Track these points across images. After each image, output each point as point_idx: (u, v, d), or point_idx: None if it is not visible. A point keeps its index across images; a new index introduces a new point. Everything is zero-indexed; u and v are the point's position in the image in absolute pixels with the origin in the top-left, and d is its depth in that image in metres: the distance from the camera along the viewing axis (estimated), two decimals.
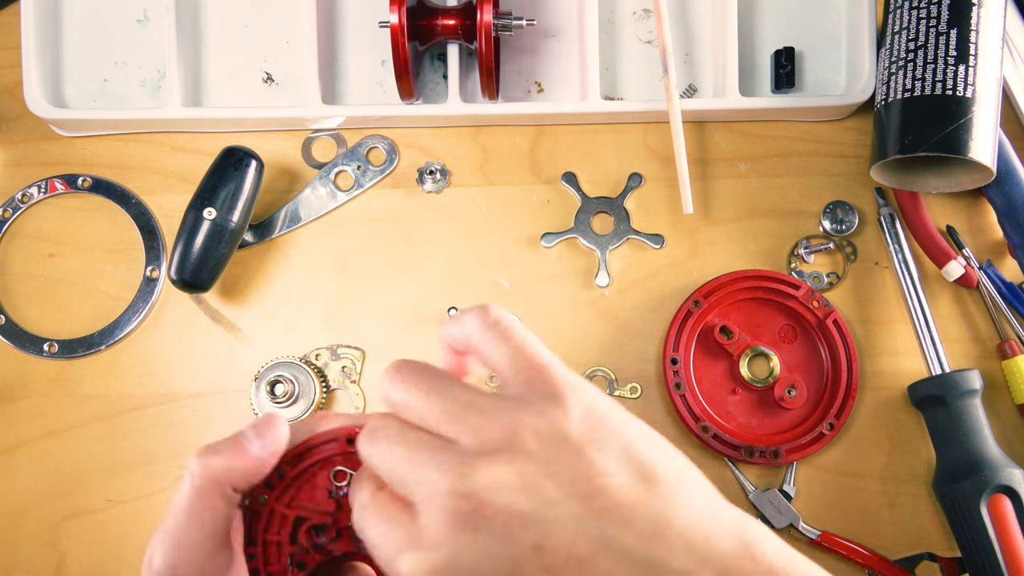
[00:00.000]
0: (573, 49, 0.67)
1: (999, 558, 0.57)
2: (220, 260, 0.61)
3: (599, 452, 0.33)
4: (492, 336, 0.36)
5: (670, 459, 0.35)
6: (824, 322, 0.63)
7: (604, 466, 0.33)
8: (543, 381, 0.35)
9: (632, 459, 0.33)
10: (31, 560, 0.63)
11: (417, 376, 0.36)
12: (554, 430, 0.33)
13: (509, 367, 0.36)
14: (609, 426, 0.34)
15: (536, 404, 0.34)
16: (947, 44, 0.57)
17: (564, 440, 0.33)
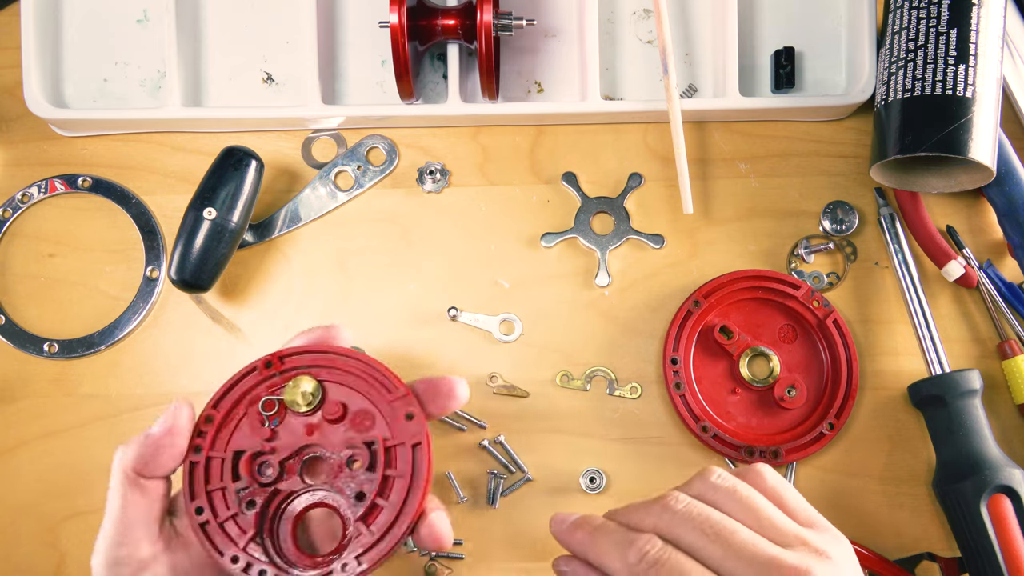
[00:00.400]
0: (573, 49, 0.67)
1: (999, 558, 0.57)
2: (220, 260, 0.61)
3: None
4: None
5: None
6: (824, 322, 0.63)
7: None
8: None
9: None
10: (31, 560, 0.63)
11: (702, 513, 0.40)
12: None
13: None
14: None
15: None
16: (947, 44, 0.57)
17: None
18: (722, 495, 0.41)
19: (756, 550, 0.38)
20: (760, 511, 0.40)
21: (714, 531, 0.39)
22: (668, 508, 0.40)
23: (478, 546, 0.63)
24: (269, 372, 0.43)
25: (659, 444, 0.64)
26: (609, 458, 0.64)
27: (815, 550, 0.39)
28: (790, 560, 0.37)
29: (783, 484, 0.43)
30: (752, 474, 0.43)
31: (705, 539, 0.38)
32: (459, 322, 0.65)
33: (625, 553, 0.39)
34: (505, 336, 0.65)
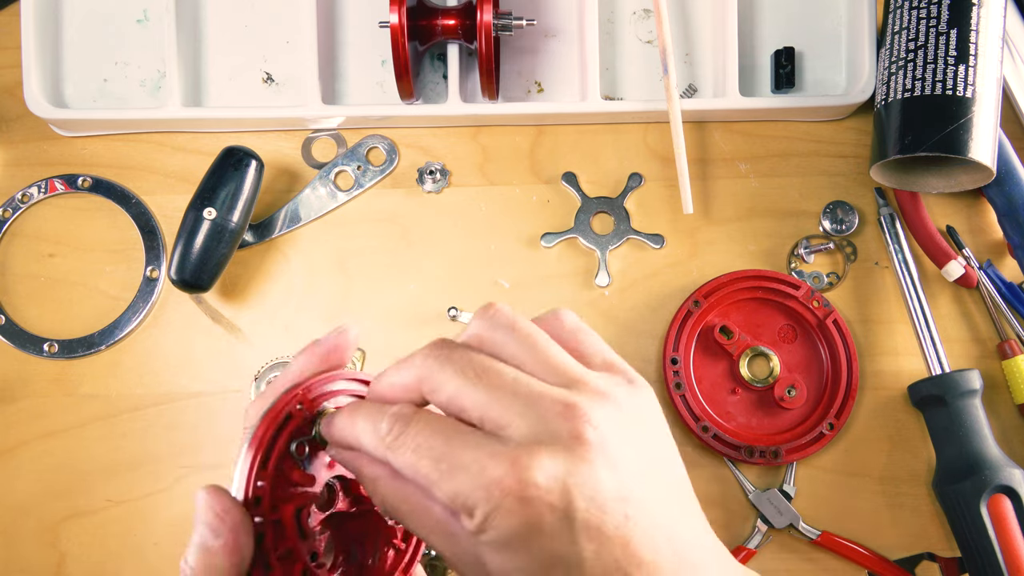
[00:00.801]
0: (573, 49, 0.67)
1: (999, 558, 0.57)
2: (220, 260, 0.61)
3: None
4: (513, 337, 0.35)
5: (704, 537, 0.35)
6: (824, 322, 0.63)
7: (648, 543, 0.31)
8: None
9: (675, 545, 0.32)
10: (31, 560, 0.63)
11: (465, 355, 0.34)
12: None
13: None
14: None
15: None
16: (947, 44, 0.57)
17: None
18: (500, 333, 0.35)
19: (520, 387, 0.32)
20: (539, 349, 0.34)
21: (475, 373, 0.33)
22: (428, 356, 0.34)
23: None
24: (302, 413, 0.38)
25: None
26: None
27: (595, 390, 0.33)
28: (554, 394, 0.32)
29: (580, 327, 0.37)
30: (548, 317, 0.37)
31: (467, 383, 0.33)
32: (459, 322, 0.65)
33: (376, 426, 0.34)
34: None
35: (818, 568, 0.63)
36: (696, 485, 0.66)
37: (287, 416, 0.37)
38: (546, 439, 0.31)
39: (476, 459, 0.31)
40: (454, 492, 0.31)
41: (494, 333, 0.35)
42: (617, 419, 0.33)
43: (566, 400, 0.32)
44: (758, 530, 0.63)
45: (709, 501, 0.63)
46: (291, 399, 0.38)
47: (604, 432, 0.32)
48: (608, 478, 0.31)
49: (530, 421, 0.32)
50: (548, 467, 0.30)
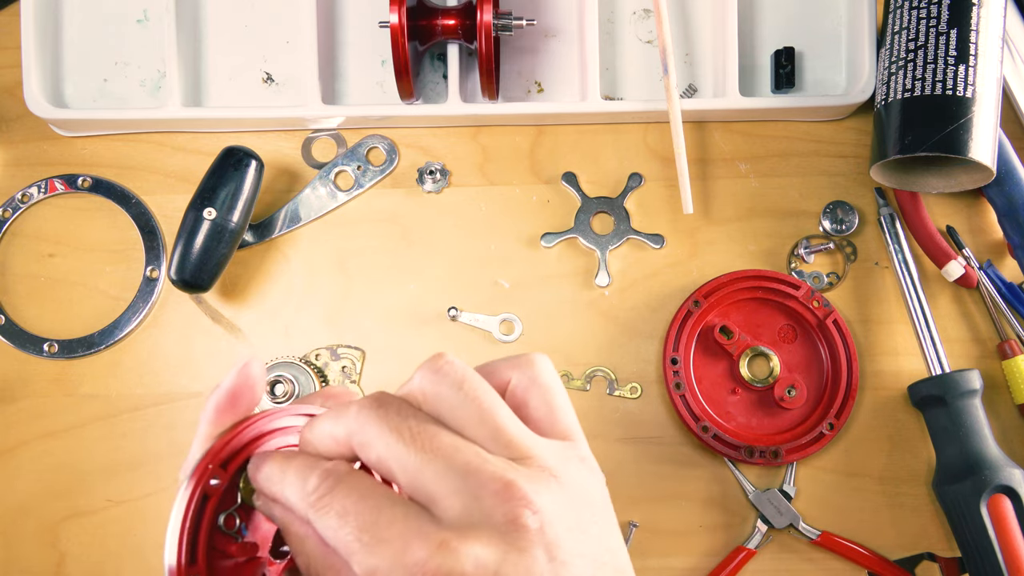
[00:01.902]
0: (573, 49, 0.67)
1: (999, 558, 0.57)
2: (220, 260, 0.61)
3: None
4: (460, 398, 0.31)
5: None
6: (824, 322, 0.63)
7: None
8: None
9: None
10: (31, 560, 0.63)
11: (401, 412, 0.31)
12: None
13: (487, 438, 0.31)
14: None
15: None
16: (947, 44, 0.57)
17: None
18: (446, 388, 0.32)
19: (455, 458, 0.29)
20: (486, 412, 0.31)
21: (410, 434, 0.30)
22: (363, 408, 0.31)
23: None
24: (220, 488, 0.34)
25: (659, 444, 0.64)
26: (609, 458, 0.64)
27: (541, 466, 0.30)
28: (492, 470, 0.29)
29: (550, 383, 0.34)
30: (518, 362, 0.34)
31: (399, 445, 0.30)
32: (459, 322, 0.65)
33: (305, 481, 0.31)
34: (505, 336, 0.65)
35: (818, 568, 0.63)
36: (696, 485, 0.66)
37: (204, 496, 0.34)
38: (480, 521, 0.28)
39: (401, 535, 0.28)
40: (373, 568, 0.28)
41: (439, 388, 0.32)
42: (561, 503, 0.30)
43: (506, 478, 0.29)
44: (758, 530, 0.63)
45: (709, 501, 0.63)
46: (203, 475, 0.34)
47: (545, 518, 0.29)
48: (545, 571, 0.28)
49: (464, 499, 0.28)
50: (478, 555, 0.27)
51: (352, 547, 0.28)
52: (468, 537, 0.28)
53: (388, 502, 0.29)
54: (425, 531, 0.28)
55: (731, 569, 0.62)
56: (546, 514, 0.29)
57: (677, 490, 0.64)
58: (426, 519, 0.28)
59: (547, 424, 0.33)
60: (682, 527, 0.63)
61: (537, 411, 0.33)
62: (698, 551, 0.63)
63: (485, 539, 0.28)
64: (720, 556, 0.63)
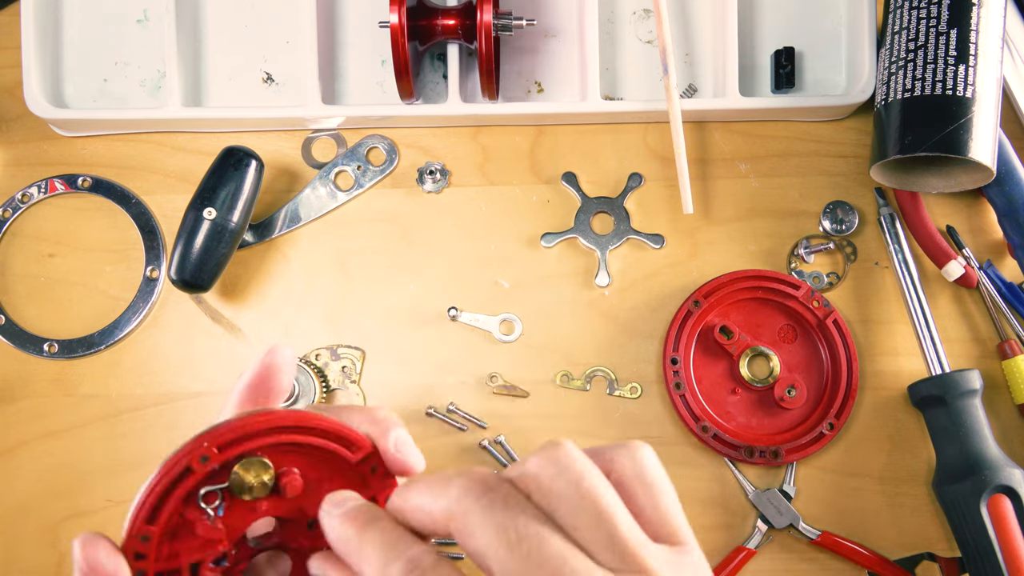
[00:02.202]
0: (573, 49, 0.67)
1: (999, 558, 0.57)
2: (220, 260, 0.61)
3: None
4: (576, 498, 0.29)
5: None
6: (824, 322, 0.63)
7: None
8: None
9: None
10: (31, 560, 0.63)
11: (509, 505, 0.29)
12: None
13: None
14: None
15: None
16: (947, 44, 0.57)
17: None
18: (563, 484, 0.29)
19: (564, 571, 0.27)
20: (606, 516, 0.29)
21: (517, 535, 0.28)
22: (469, 491, 0.29)
23: None
24: (206, 468, 0.35)
25: (659, 444, 0.64)
26: None
27: (654, 573, 0.28)
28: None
29: (656, 478, 0.32)
30: (625, 454, 0.32)
31: (504, 547, 0.28)
32: (459, 322, 0.65)
33: (388, 565, 0.29)
34: (505, 336, 0.65)
35: (818, 568, 0.63)
36: (696, 485, 0.66)
37: (187, 469, 0.34)
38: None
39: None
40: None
41: (556, 483, 0.29)
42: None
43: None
44: (758, 530, 0.63)
45: (709, 501, 0.63)
46: (193, 449, 0.34)
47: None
48: None
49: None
50: None
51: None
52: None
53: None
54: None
55: (731, 569, 0.62)
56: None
57: (677, 490, 0.63)
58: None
59: (656, 524, 0.31)
60: None
61: (645, 508, 0.31)
62: None
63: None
64: (720, 556, 0.63)
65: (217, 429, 0.35)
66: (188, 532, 0.35)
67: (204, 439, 0.34)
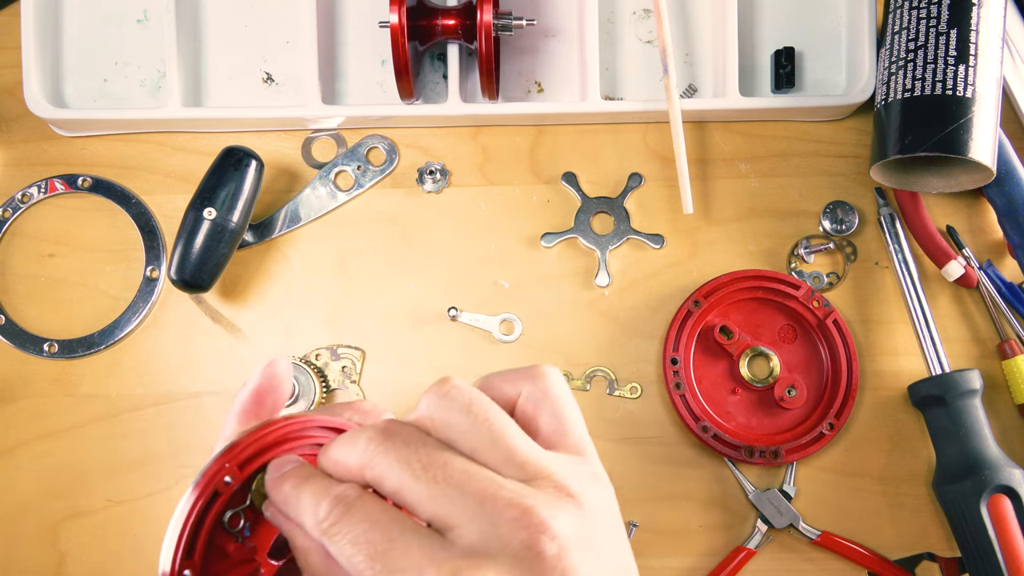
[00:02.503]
0: (573, 49, 0.67)
1: (999, 558, 0.57)
2: (220, 260, 0.61)
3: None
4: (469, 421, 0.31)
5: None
6: (824, 322, 0.63)
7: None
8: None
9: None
10: (31, 560, 0.63)
11: (410, 443, 0.30)
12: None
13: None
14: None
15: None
16: (947, 44, 0.57)
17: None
18: (454, 413, 0.31)
19: (469, 484, 0.29)
20: (499, 433, 0.30)
21: (421, 464, 0.29)
22: (372, 440, 0.31)
23: None
24: (231, 488, 0.35)
25: (659, 444, 0.64)
26: (609, 458, 0.64)
27: (559, 486, 0.30)
28: (508, 495, 0.28)
29: (560, 395, 0.33)
30: (527, 373, 0.34)
31: (410, 475, 0.29)
32: (459, 322, 0.65)
33: (318, 505, 0.30)
34: (505, 336, 0.65)
35: (818, 568, 0.63)
36: (696, 485, 0.66)
37: (215, 493, 0.34)
38: (496, 548, 0.28)
39: (416, 564, 0.28)
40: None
41: (447, 414, 0.31)
42: (579, 526, 0.29)
43: (523, 504, 0.28)
44: (758, 530, 0.63)
45: (709, 501, 0.63)
46: (217, 472, 0.34)
47: (563, 543, 0.28)
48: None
49: (480, 525, 0.28)
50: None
51: (364, 575, 0.28)
52: (482, 565, 0.27)
53: (401, 529, 0.29)
54: (439, 559, 0.28)
55: (731, 569, 0.62)
56: (563, 539, 0.28)
57: (677, 490, 0.64)
58: (440, 546, 0.28)
59: (558, 439, 0.33)
60: (682, 527, 0.63)
61: (548, 426, 0.33)
62: (698, 551, 0.63)
63: (501, 566, 0.27)
64: (720, 556, 0.63)
65: (234, 448, 0.35)
66: (221, 556, 0.35)
67: (224, 460, 0.34)
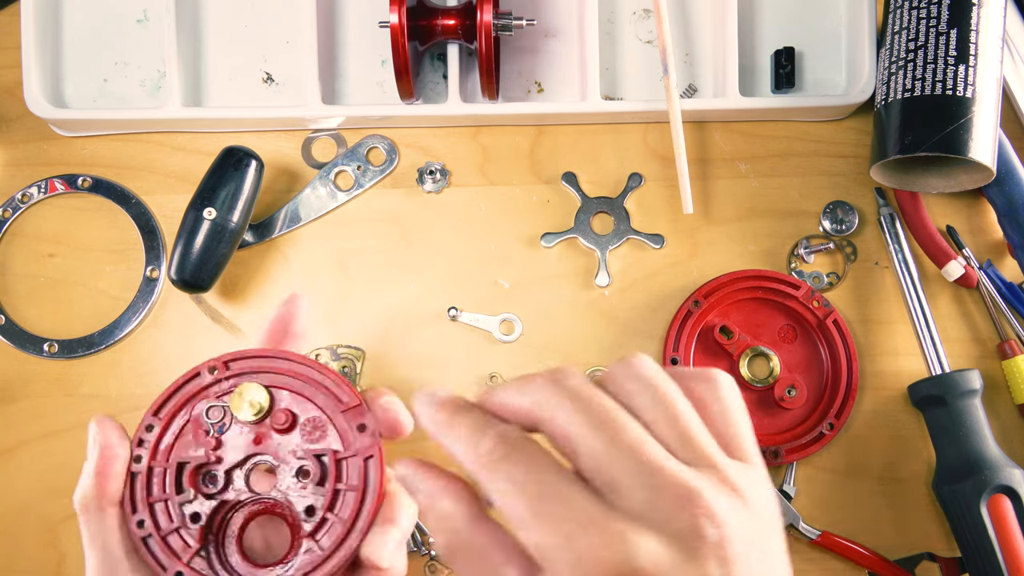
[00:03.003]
0: (573, 49, 0.67)
1: (999, 558, 0.57)
2: (220, 260, 0.61)
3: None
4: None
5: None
6: (824, 322, 0.63)
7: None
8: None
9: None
10: (31, 560, 0.63)
11: (592, 396, 0.30)
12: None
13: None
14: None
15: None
16: (947, 44, 0.57)
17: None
18: (639, 386, 0.31)
19: (643, 452, 0.28)
20: (677, 417, 0.30)
21: (600, 419, 0.29)
22: (554, 382, 0.31)
23: None
24: (214, 378, 0.41)
25: None
26: None
27: (725, 479, 0.29)
28: (678, 473, 0.28)
29: (733, 402, 0.33)
30: (701, 377, 0.33)
31: (586, 426, 0.29)
32: (459, 322, 0.65)
33: (478, 440, 0.30)
34: (505, 336, 0.65)
35: (818, 568, 0.63)
36: None
37: (196, 374, 0.42)
38: (658, 520, 0.27)
39: (577, 516, 0.27)
40: (542, 544, 0.27)
41: (633, 383, 0.31)
42: (743, 519, 0.29)
43: (691, 485, 0.28)
44: None
45: None
46: (206, 363, 0.41)
47: (725, 532, 0.28)
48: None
49: (646, 494, 0.28)
50: (654, 552, 0.27)
51: (523, 518, 0.28)
52: (645, 532, 0.27)
53: (563, 479, 0.28)
54: (601, 517, 0.27)
55: None
56: (726, 528, 0.28)
57: None
58: (603, 505, 0.28)
59: (727, 442, 0.32)
60: None
61: (720, 428, 0.32)
62: None
63: (662, 539, 0.27)
64: None
65: (229, 353, 0.42)
66: (186, 442, 0.42)
67: (218, 358, 0.42)
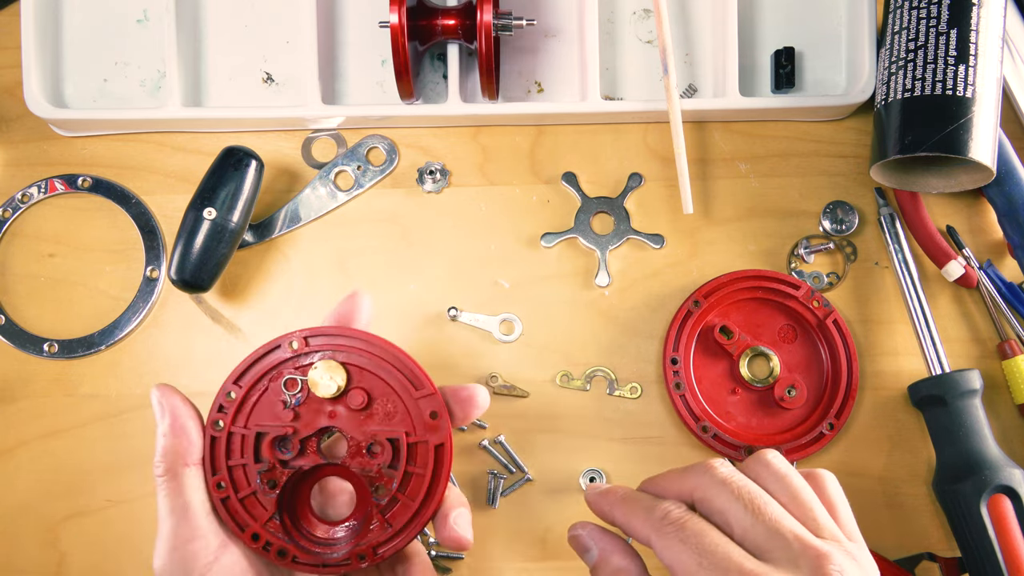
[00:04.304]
0: (573, 49, 0.67)
1: (999, 558, 0.57)
2: (220, 260, 0.61)
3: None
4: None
5: None
6: (824, 322, 0.63)
7: None
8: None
9: None
10: (31, 560, 0.63)
11: (742, 483, 0.40)
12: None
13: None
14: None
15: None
16: (947, 44, 0.57)
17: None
18: (771, 476, 0.41)
19: (785, 525, 0.38)
20: (804, 501, 0.40)
21: (748, 498, 0.39)
22: (708, 471, 0.41)
23: (478, 546, 0.63)
24: (295, 352, 0.43)
25: (659, 444, 0.64)
26: (609, 458, 0.64)
27: (845, 550, 0.38)
28: (813, 541, 0.37)
29: (838, 495, 0.43)
30: (812, 475, 0.43)
31: (737, 505, 0.39)
32: (459, 322, 0.65)
33: (651, 512, 0.40)
34: (505, 336, 0.65)
35: None
36: None
37: (276, 346, 0.44)
38: (802, 574, 0.36)
39: (736, 567, 0.36)
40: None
41: (765, 473, 0.41)
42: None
43: (821, 549, 0.37)
44: None
45: None
46: (286, 336, 0.43)
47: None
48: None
49: (788, 554, 0.37)
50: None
51: (690, 567, 0.37)
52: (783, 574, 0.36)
53: (723, 540, 0.38)
54: (755, 568, 0.36)
55: None
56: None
57: None
58: (755, 560, 0.37)
59: (841, 526, 0.42)
60: None
61: (832, 514, 0.42)
62: None
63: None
64: None
65: (312, 328, 0.44)
66: (264, 410, 0.44)
67: (301, 331, 0.44)
